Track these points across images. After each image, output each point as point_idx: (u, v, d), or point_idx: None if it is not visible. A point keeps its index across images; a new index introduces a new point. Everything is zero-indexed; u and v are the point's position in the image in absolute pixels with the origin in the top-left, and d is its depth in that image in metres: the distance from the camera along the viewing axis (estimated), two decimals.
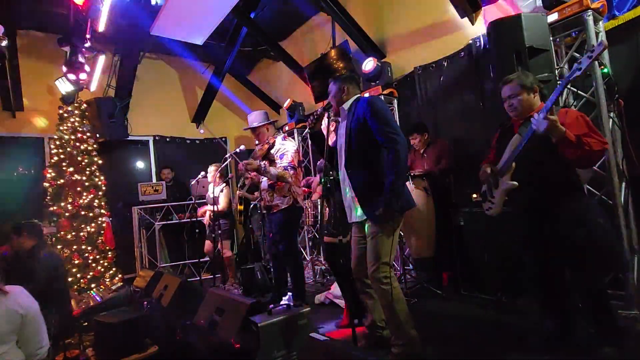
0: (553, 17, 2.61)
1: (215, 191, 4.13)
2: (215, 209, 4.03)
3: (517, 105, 2.02)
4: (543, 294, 2.15)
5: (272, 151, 3.25)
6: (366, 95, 2.66)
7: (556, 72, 2.62)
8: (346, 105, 2.33)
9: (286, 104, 5.64)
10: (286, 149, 3.19)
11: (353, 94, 2.36)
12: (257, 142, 3.44)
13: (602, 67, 2.53)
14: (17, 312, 1.64)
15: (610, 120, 2.54)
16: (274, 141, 3.29)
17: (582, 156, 1.80)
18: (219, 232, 4.42)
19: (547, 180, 1.95)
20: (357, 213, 2.27)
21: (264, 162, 3.12)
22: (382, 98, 4.03)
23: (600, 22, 2.57)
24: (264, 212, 3.38)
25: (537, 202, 1.99)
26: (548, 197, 1.95)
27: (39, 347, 1.73)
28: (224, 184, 4.57)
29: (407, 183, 3.21)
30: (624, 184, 2.52)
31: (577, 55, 2.64)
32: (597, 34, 2.54)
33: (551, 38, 2.57)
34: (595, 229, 1.92)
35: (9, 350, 1.59)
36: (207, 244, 4.54)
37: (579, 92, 2.69)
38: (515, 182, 2.00)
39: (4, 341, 1.59)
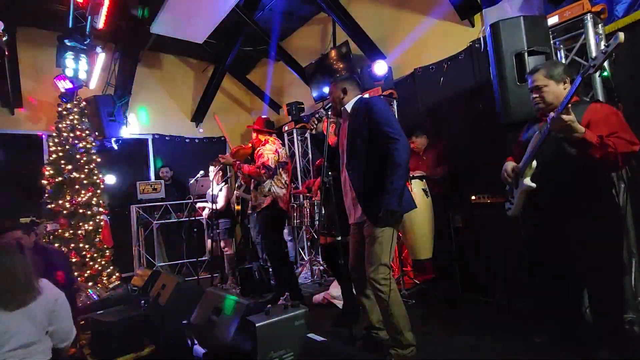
0: (553, 20, 2.61)
1: (214, 190, 4.17)
2: (214, 207, 4.07)
3: (543, 98, 1.88)
4: (545, 298, 2.13)
5: (256, 151, 3.47)
6: (367, 95, 2.65)
7: None
8: (348, 106, 2.33)
9: (285, 107, 5.64)
10: (264, 149, 3.38)
11: (353, 94, 2.35)
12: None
13: (602, 70, 2.53)
14: (51, 301, 1.73)
15: None
16: (259, 141, 3.50)
17: (605, 158, 1.64)
18: (218, 231, 4.42)
19: (566, 183, 1.83)
20: (357, 214, 2.26)
21: (238, 161, 3.39)
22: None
23: (600, 26, 2.58)
24: (252, 212, 3.55)
25: (553, 206, 1.89)
26: (566, 201, 1.83)
27: (67, 336, 1.82)
28: (224, 183, 4.57)
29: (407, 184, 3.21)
30: (622, 188, 2.52)
31: (577, 58, 2.64)
32: (597, 37, 2.54)
33: (551, 41, 2.57)
34: (615, 242, 1.84)
35: (42, 339, 1.67)
36: (209, 243, 4.58)
37: (579, 96, 2.69)
38: (533, 184, 1.88)
39: (40, 330, 1.66)
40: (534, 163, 1.89)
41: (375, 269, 2.10)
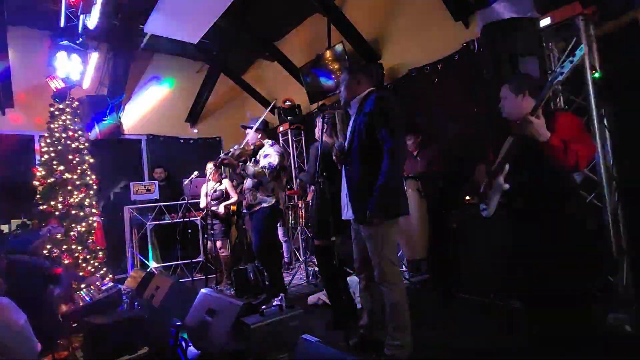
0: (546, 21, 2.63)
1: (216, 187, 4.25)
2: (209, 207, 4.08)
3: (505, 108, 2.06)
4: (529, 298, 2.16)
5: (260, 152, 3.41)
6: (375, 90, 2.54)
7: (549, 76, 2.64)
8: (358, 99, 2.26)
9: (285, 103, 5.64)
10: (271, 151, 3.35)
11: (366, 86, 2.28)
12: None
13: (594, 71, 2.56)
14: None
15: (601, 124, 2.57)
16: (262, 144, 3.44)
17: (566, 160, 1.80)
18: (212, 232, 4.40)
19: (537, 183, 1.94)
20: (349, 211, 2.25)
21: (241, 164, 3.30)
22: None
23: (592, 28, 2.61)
24: (245, 211, 3.47)
25: (526, 204, 1.98)
26: (537, 200, 1.94)
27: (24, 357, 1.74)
28: (219, 184, 4.55)
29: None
30: (614, 187, 2.55)
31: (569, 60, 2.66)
32: (588, 38, 2.57)
33: (544, 42, 2.60)
34: (582, 235, 1.92)
35: None
36: (209, 243, 4.57)
37: (571, 96, 2.72)
38: (506, 184, 1.99)
39: None
40: (507, 165, 1.99)
41: (383, 269, 2.09)
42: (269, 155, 3.31)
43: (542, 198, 1.94)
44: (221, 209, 4.52)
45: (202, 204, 4.73)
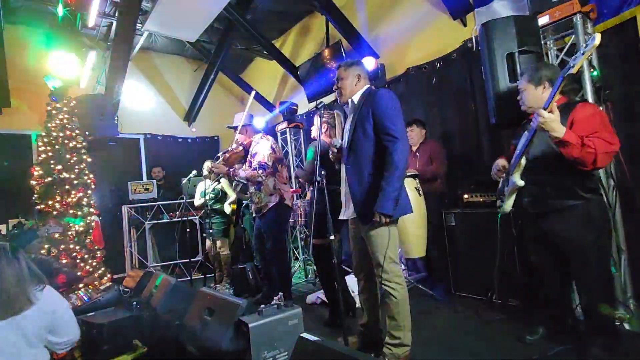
0: (544, 19, 2.63)
1: (214, 186, 4.26)
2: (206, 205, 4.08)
3: (525, 100, 1.98)
4: (536, 295, 2.14)
5: (250, 151, 3.33)
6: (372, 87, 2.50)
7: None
8: (356, 97, 2.22)
9: (278, 105, 5.64)
10: (259, 148, 3.24)
11: (364, 83, 2.25)
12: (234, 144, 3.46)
13: (592, 70, 2.56)
14: (47, 312, 1.67)
15: None
16: (250, 142, 3.36)
17: (583, 158, 1.69)
18: (210, 231, 4.40)
19: (553, 180, 1.86)
20: (349, 211, 2.25)
21: (234, 167, 3.22)
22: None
23: (590, 26, 2.61)
24: (256, 215, 3.38)
25: (541, 203, 1.92)
26: (553, 198, 1.87)
27: (68, 345, 1.81)
28: (217, 183, 4.55)
29: None
30: (612, 186, 2.55)
31: (567, 58, 2.66)
32: (587, 36, 2.57)
33: (542, 41, 2.60)
34: (601, 237, 1.86)
35: (38, 354, 1.62)
36: (208, 242, 4.59)
37: (569, 96, 2.71)
38: (522, 181, 1.91)
39: (31, 342, 1.60)
40: (523, 160, 1.92)
41: (384, 270, 2.08)
42: (257, 153, 3.22)
43: (560, 194, 1.85)
44: (227, 209, 4.53)
45: (197, 203, 4.74)
